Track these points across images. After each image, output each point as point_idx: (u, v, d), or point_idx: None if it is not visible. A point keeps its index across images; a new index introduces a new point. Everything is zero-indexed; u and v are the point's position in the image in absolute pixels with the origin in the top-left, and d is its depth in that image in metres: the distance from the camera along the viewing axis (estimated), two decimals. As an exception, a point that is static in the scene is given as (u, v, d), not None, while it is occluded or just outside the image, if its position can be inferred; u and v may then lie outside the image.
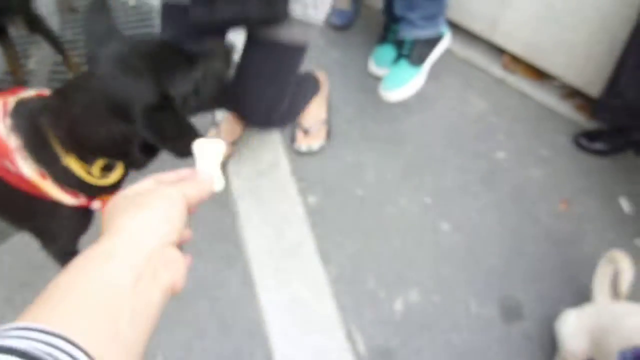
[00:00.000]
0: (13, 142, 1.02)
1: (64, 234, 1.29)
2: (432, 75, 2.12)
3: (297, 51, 1.57)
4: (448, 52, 2.28)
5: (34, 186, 1.07)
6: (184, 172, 0.64)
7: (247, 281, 1.71)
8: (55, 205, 1.13)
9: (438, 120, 2.16)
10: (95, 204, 1.20)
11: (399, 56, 1.93)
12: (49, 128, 1.03)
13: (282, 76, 1.58)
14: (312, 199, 1.89)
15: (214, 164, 0.65)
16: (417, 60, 1.92)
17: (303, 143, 1.98)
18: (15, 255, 1.77)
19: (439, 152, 2.04)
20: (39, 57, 2.40)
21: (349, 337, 1.60)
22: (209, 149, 0.65)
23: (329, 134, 2.05)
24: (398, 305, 1.64)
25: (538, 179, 1.95)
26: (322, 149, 2.02)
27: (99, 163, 1.10)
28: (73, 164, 1.06)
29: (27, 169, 1.04)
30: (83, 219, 1.26)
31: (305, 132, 1.97)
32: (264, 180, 1.93)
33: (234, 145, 1.98)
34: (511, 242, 1.77)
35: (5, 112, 1.04)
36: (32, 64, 2.36)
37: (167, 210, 0.54)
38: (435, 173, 1.98)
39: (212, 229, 1.81)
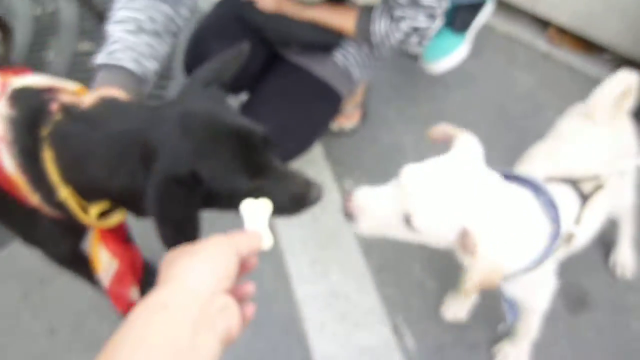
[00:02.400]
0: (1, 128, 0.85)
1: (48, 242, 1.11)
2: (472, 52, 1.95)
3: (326, 93, 1.49)
4: (488, 28, 2.11)
5: (12, 185, 0.89)
6: (234, 233, 0.63)
7: (280, 273, 1.56)
8: (36, 212, 0.94)
9: (482, 99, 1.99)
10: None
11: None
12: (51, 151, 0.84)
13: (300, 115, 1.47)
14: (348, 184, 1.74)
15: (262, 223, 0.67)
16: (461, 26, 1.76)
17: (335, 122, 1.84)
18: (32, 250, 1.66)
19: (485, 131, 1.84)
20: (58, 48, 2.30)
21: (396, 332, 1.44)
22: (256, 209, 0.69)
23: (364, 116, 1.90)
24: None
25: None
26: (357, 132, 1.87)
27: (100, 206, 0.89)
28: (69, 198, 0.86)
29: (9, 164, 0.86)
30: (72, 229, 1.05)
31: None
32: (295, 165, 1.78)
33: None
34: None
35: (2, 93, 0.88)
36: (50, 55, 2.26)
37: (217, 257, 0.56)
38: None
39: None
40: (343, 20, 1.39)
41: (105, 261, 1.05)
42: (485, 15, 1.82)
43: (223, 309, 0.53)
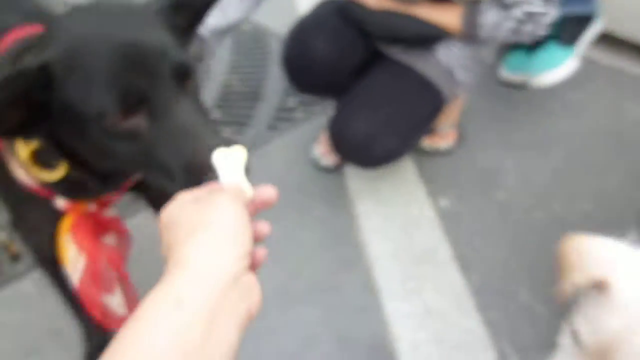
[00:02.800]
0: None
1: (34, 229, 1.02)
2: (576, 83, 1.83)
3: (428, 91, 1.43)
4: (592, 61, 1.99)
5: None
6: (211, 186, 0.55)
7: (368, 287, 1.41)
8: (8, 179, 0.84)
9: (592, 126, 1.83)
10: (59, 201, 0.89)
11: (545, 40, 1.68)
12: None
13: (401, 111, 1.41)
14: (444, 202, 1.60)
15: (239, 173, 0.56)
16: (569, 38, 1.66)
17: (428, 142, 1.73)
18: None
19: (600, 156, 1.71)
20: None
21: (503, 358, 1.23)
22: (229, 159, 0.57)
23: (460, 138, 1.78)
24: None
25: None
26: (452, 153, 1.75)
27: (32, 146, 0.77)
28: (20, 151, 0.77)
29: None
30: (46, 211, 0.92)
31: (433, 131, 1.73)
32: (385, 181, 1.67)
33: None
34: None
35: None
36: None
37: (232, 228, 0.47)
38: (597, 177, 1.63)
39: (325, 229, 1.55)
40: (447, 17, 1.33)
41: (72, 254, 0.93)
42: (595, 30, 1.71)
43: (244, 291, 0.46)
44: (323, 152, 1.73)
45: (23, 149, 0.76)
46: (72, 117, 0.62)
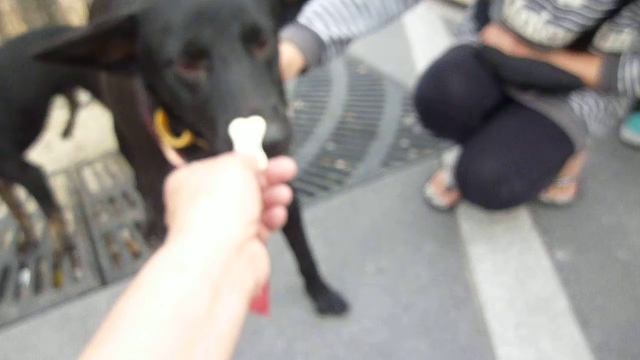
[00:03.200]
0: None
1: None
2: None
3: (559, 141, 1.42)
4: None
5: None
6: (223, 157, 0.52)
7: (479, 329, 1.38)
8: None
9: None
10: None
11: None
12: None
13: (532, 156, 1.40)
14: (561, 255, 1.55)
15: (255, 144, 0.56)
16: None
17: (547, 193, 1.70)
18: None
19: None
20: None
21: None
22: (247, 129, 0.57)
23: (579, 192, 1.73)
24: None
25: None
26: (569, 206, 1.71)
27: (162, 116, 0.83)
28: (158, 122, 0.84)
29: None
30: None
31: (552, 183, 1.70)
32: (499, 227, 1.65)
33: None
34: None
35: None
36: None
37: (239, 194, 0.46)
38: None
39: (436, 266, 1.55)
40: (584, 67, 1.33)
41: None
42: None
43: (251, 261, 0.44)
44: (436, 192, 1.75)
45: (159, 117, 0.82)
46: (151, 63, 0.67)
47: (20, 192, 1.82)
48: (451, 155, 1.97)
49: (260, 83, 0.63)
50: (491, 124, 1.45)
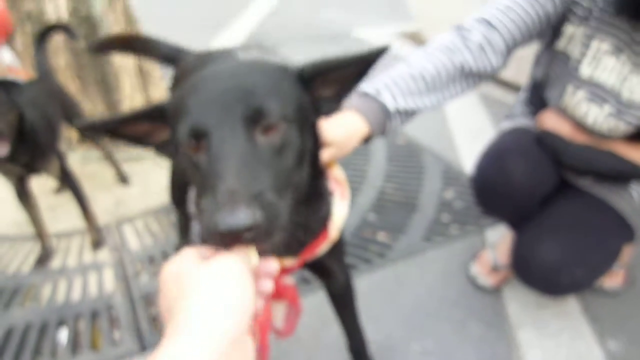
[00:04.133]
0: None
1: None
2: None
3: (620, 227, 1.42)
4: None
5: None
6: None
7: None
8: None
9: None
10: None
11: None
12: None
13: (593, 242, 1.39)
14: (613, 345, 1.50)
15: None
16: None
17: (596, 280, 1.67)
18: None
19: None
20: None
21: None
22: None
23: (628, 280, 1.70)
24: None
25: None
26: (618, 293, 1.67)
27: None
28: None
29: None
30: None
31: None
32: (547, 311, 1.61)
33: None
34: None
35: None
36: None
37: (234, 291, 0.48)
38: None
39: (482, 350, 1.50)
40: None
41: None
42: None
43: (245, 355, 0.46)
44: (482, 271, 1.73)
45: None
46: (175, 145, 0.72)
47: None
48: (494, 233, 1.96)
49: (251, 166, 0.62)
50: (550, 209, 1.44)
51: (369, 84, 1.13)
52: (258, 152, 0.64)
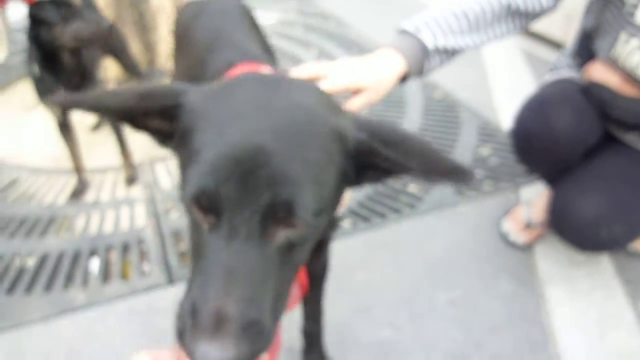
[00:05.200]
0: None
1: None
2: None
3: None
4: None
5: None
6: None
7: (557, 378, 1.31)
8: None
9: None
10: None
11: None
12: None
13: (636, 198, 1.33)
14: (646, 307, 1.47)
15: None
16: None
17: (632, 243, 1.61)
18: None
19: None
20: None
21: None
22: None
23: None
24: None
25: None
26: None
27: None
28: None
29: None
30: None
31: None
32: (579, 271, 1.58)
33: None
34: None
35: None
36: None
37: None
38: None
39: (511, 305, 1.48)
40: None
41: None
42: None
43: None
44: (514, 228, 1.69)
45: None
46: (185, 153, 0.60)
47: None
48: (529, 190, 1.91)
49: (256, 280, 0.53)
50: (592, 163, 1.39)
51: (408, 22, 1.08)
52: (269, 257, 0.54)
